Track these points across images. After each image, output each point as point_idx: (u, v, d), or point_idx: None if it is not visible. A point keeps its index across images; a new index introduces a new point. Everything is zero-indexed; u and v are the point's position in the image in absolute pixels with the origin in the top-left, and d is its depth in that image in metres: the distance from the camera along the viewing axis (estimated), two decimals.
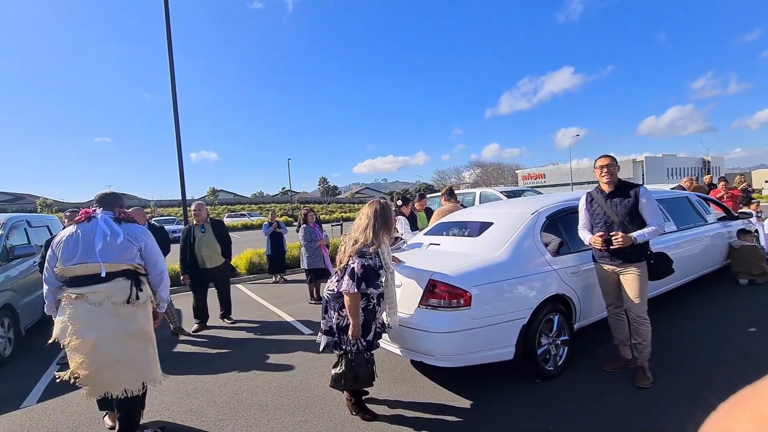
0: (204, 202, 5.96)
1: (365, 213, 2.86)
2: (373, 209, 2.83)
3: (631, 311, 3.19)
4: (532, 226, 3.55)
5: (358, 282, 2.65)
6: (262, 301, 7.03)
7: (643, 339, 3.16)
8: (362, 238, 2.76)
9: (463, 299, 2.93)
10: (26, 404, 3.54)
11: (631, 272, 3.15)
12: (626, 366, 3.38)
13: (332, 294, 2.87)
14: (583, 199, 3.50)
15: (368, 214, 2.83)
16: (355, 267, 2.67)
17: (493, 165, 74.10)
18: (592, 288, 3.58)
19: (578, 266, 3.54)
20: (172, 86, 9.09)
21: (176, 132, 9.15)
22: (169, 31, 8.98)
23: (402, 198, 6.30)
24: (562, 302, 3.44)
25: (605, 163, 3.27)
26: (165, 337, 5.25)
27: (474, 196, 10.70)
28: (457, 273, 3.02)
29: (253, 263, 9.52)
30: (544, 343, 3.30)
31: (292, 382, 3.63)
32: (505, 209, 4.14)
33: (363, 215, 2.87)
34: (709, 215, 5.72)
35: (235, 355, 4.44)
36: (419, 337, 3.03)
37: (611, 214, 3.21)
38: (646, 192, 3.23)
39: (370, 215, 2.82)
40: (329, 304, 2.89)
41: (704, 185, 9.13)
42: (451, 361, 2.99)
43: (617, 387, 3.14)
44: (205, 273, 5.55)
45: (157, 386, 2.85)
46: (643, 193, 3.20)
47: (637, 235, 3.05)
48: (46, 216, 7.59)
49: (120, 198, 2.97)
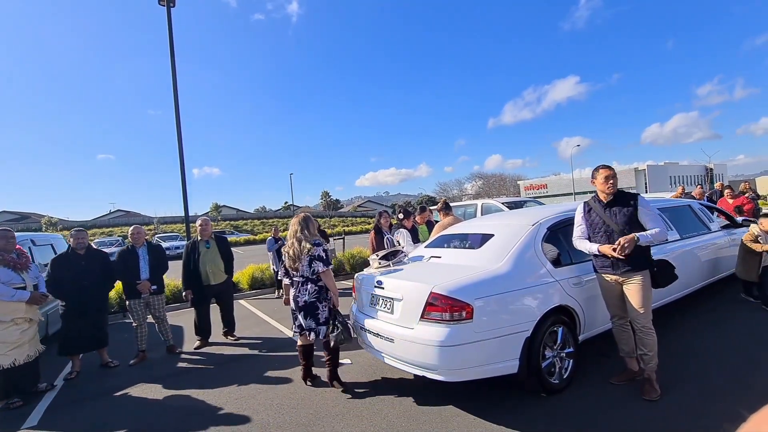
0: (208, 218, 5.99)
1: (296, 222, 3.79)
2: (300, 218, 3.81)
3: (636, 322, 3.15)
4: (533, 237, 3.53)
5: (325, 262, 3.64)
6: (265, 316, 6.99)
7: (649, 350, 3.10)
8: (306, 237, 3.70)
9: (465, 312, 2.90)
10: (27, 425, 3.51)
11: (634, 282, 3.11)
12: (634, 378, 3.32)
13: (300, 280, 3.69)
14: (580, 208, 3.49)
15: (299, 222, 3.78)
16: (320, 253, 3.63)
17: (495, 176, 74.23)
18: (595, 299, 3.54)
19: (581, 277, 3.51)
20: (175, 102, 9.22)
21: (179, 148, 9.26)
22: (172, 48, 9.17)
23: (404, 211, 6.31)
24: (565, 314, 3.39)
25: (610, 173, 3.24)
26: (163, 356, 5.22)
27: (476, 207, 10.69)
28: (458, 286, 3.00)
29: (255, 278, 9.50)
30: (549, 356, 3.25)
31: (294, 399, 3.58)
32: (505, 221, 4.13)
33: (295, 224, 3.78)
34: (713, 223, 5.68)
35: (237, 373, 4.40)
36: (421, 351, 2.99)
37: (611, 224, 3.20)
38: (644, 200, 3.22)
39: (300, 223, 3.78)
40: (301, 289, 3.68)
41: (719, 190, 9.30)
42: (454, 376, 2.95)
43: (625, 400, 3.08)
44: (208, 289, 5.54)
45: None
46: (641, 201, 3.20)
47: (639, 235, 3.03)
48: (51, 235, 7.64)
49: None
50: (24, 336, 4.00)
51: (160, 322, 5.33)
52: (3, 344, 3.84)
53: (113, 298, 7.59)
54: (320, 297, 3.68)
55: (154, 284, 5.22)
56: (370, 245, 6.19)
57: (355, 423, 3.10)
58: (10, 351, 3.87)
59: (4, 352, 3.83)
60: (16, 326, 3.94)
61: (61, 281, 4.59)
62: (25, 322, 4.03)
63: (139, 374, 4.60)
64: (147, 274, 5.19)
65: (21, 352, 3.94)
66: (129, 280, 5.14)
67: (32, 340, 4.11)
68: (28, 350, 4.01)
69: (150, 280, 5.18)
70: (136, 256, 5.22)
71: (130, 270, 5.15)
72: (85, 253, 4.83)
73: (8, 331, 3.88)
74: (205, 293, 5.55)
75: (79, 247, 4.79)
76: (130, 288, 5.13)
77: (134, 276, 5.13)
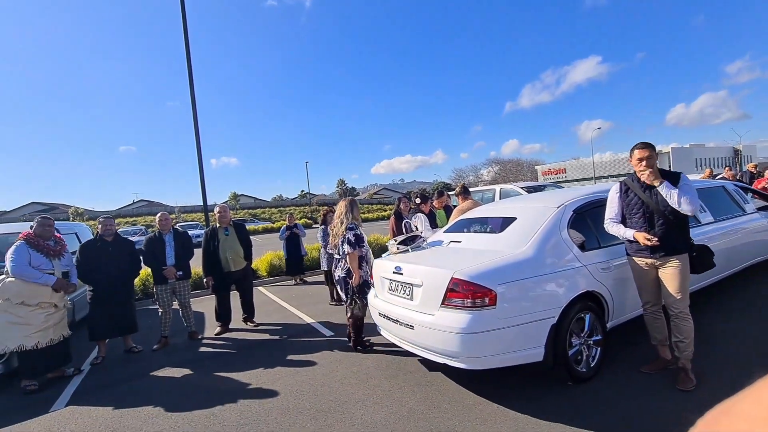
0: (226, 205, 6.00)
1: (342, 205, 4.35)
2: (347, 201, 4.39)
3: (673, 307, 2.98)
4: (559, 219, 3.37)
5: (352, 245, 4.10)
6: (283, 303, 7.03)
7: (685, 337, 2.94)
8: (347, 220, 4.23)
9: (487, 298, 2.79)
10: (55, 408, 3.61)
11: (671, 265, 2.94)
12: (666, 367, 3.17)
13: (338, 257, 4.33)
14: (615, 187, 3.30)
15: (345, 205, 4.35)
16: (350, 236, 4.12)
17: (511, 161, 72.78)
18: (625, 284, 3.37)
19: (609, 261, 3.34)
20: (191, 93, 9.23)
21: (196, 138, 9.29)
22: (187, 40, 9.13)
23: (420, 196, 6.19)
24: (593, 300, 3.25)
25: (644, 155, 3.01)
26: (185, 342, 5.30)
27: (494, 192, 10.45)
28: (480, 271, 2.89)
29: (273, 265, 9.58)
30: (576, 344, 3.12)
31: (314, 386, 3.56)
32: (529, 203, 3.97)
33: (341, 206, 4.35)
34: (748, 205, 5.37)
35: (257, 358, 4.42)
36: (442, 338, 2.91)
37: (651, 204, 3.00)
38: (687, 180, 3.02)
39: (346, 205, 4.34)
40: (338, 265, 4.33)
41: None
42: (477, 364, 2.86)
43: (657, 390, 2.94)
44: (228, 276, 5.58)
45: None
46: (684, 181, 2.99)
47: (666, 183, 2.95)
48: (75, 224, 7.83)
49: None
50: (49, 320, 4.10)
51: (184, 308, 5.41)
52: (28, 326, 3.95)
53: (137, 285, 7.76)
54: (350, 274, 4.16)
55: (180, 270, 5.29)
56: (390, 230, 6.10)
57: (375, 410, 3.06)
58: (34, 333, 3.97)
59: (29, 334, 3.95)
60: (42, 310, 4.04)
61: (90, 267, 4.67)
62: (51, 306, 4.13)
63: (163, 359, 4.68)
64: (173, 260, 5.27)
65: (45, 336, 4.05)
66: (156, 266, 5.22)
67: (58, 324, 4.21)
68: (51, 334, 4.12)
69: (176, 265, 5.26)
70: (162, 242, 5.30)
71: (157, 256, 5.23)
72: (113, 240, 4.91)
73: (34, 314, 3.99)
74: (225, 280, 5.60)
75: (106, 234, 4.87)
76: (157, 274, 5.22)
77: (161, 262, 5.21)
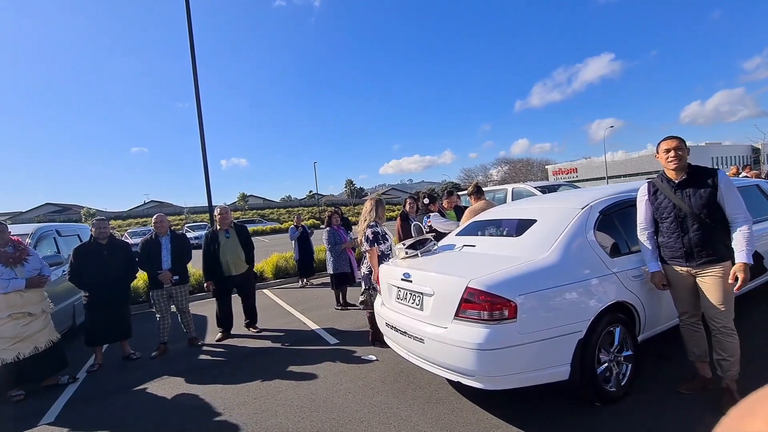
0: (227, 206, 5.77)
1: (369, 203, 4.50)
2: (374, 200, 4.52)
3: (715, 321, 2.65)
4: (584, 222, 3.05)
5: (370, 243, 4.25)
6: (288, 307, 6.79)
7: (730, 354, 2.61)
8: (369, 218, 4.37)
9: (506, 310, 2.50)
10: (43, 422, 3.40)
11: (712, 274, 2.60)
12: (706, 387, 2.83)
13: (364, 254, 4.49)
14: (644, 189, 2.97)
15: (371, 204, 4.48)
16: (368, 233, 4.27)
17: (521, 161, 71.83)
18: (658, 293, 3.04)
19: (641, 268, 3.01)
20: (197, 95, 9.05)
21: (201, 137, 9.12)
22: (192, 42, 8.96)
23: (428, 196, 5.90)
24: (623, 311, 2.93)
25: (672, 145, 2.72)
26: (185, 348, 5.09)
27: (506, 192, 10.10)
28: (498, 280, 2.59)
29: (279, 267, 9.37)
30: (604, 360, 2.81)
31: (315, 402, 3.30)
32: (549, 204, 3.66)
33: (368, 205, 4.49)
34: None
35: (257, 368, 4.18)
36: (456, 354, 2.61)
37: (683, 207, 2.68)
38: (725, 177, 2.68)
39: (372, 204, 4.47)
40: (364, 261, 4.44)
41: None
42: (495, 383, 2.56)
43: (697, 413, 2.60)
44: (229, 280, 5.35)
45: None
46: (722, 178, 2.66)
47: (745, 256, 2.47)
48: (78, 225, 7.70)
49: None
50: (27, 329, 3.90)
51: (182, 314, 5.19)
52: (2, 339, 3.76)
53: (141, 288, 7.59)
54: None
55: (176, 274, 5.06)
56: (396, 233, 5.81)
57: (381, 431, 2.78)
58: (12, 346, 3.79)
59: (6, 347, 3.76)
60: (15, 321, 3.84)
61: (83, 271, 4.48)
62: (24, 316, 3.91)
63: (160, 368, 4.46)
64: (169, 264, 5.04)
65: (26, 346, 3.86)
66: (150, 270, 5.01)
67: (42, 331, 4.01)
68: (35, 342, 3.92)
69: (172, 270, 5.02)
70: (158, 245, 5.07)
71: (152, 260, 5.01)
72: (108, 243, 4.71)
73: (5, 327, 3.79)
74: (227, 284, 5.37)
75: (101, 237, 4.68)
76: (153, 278, 5.01)
77: (156, 266, 4.99)
